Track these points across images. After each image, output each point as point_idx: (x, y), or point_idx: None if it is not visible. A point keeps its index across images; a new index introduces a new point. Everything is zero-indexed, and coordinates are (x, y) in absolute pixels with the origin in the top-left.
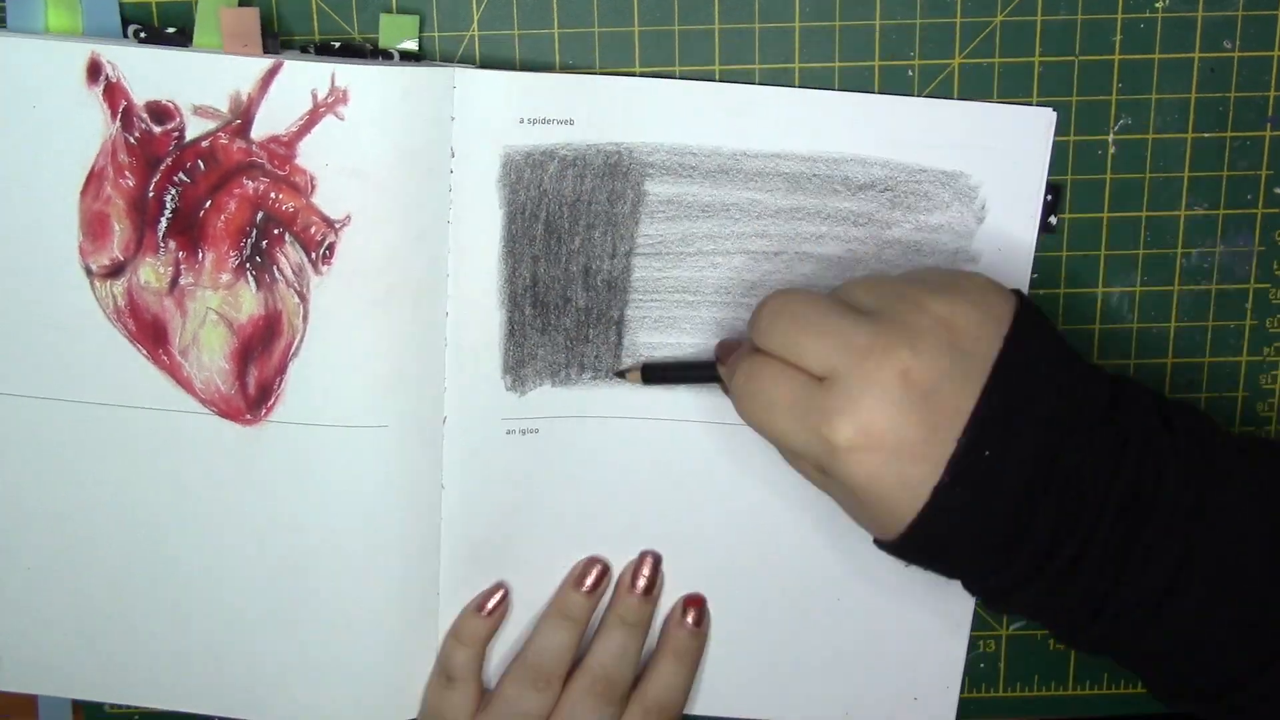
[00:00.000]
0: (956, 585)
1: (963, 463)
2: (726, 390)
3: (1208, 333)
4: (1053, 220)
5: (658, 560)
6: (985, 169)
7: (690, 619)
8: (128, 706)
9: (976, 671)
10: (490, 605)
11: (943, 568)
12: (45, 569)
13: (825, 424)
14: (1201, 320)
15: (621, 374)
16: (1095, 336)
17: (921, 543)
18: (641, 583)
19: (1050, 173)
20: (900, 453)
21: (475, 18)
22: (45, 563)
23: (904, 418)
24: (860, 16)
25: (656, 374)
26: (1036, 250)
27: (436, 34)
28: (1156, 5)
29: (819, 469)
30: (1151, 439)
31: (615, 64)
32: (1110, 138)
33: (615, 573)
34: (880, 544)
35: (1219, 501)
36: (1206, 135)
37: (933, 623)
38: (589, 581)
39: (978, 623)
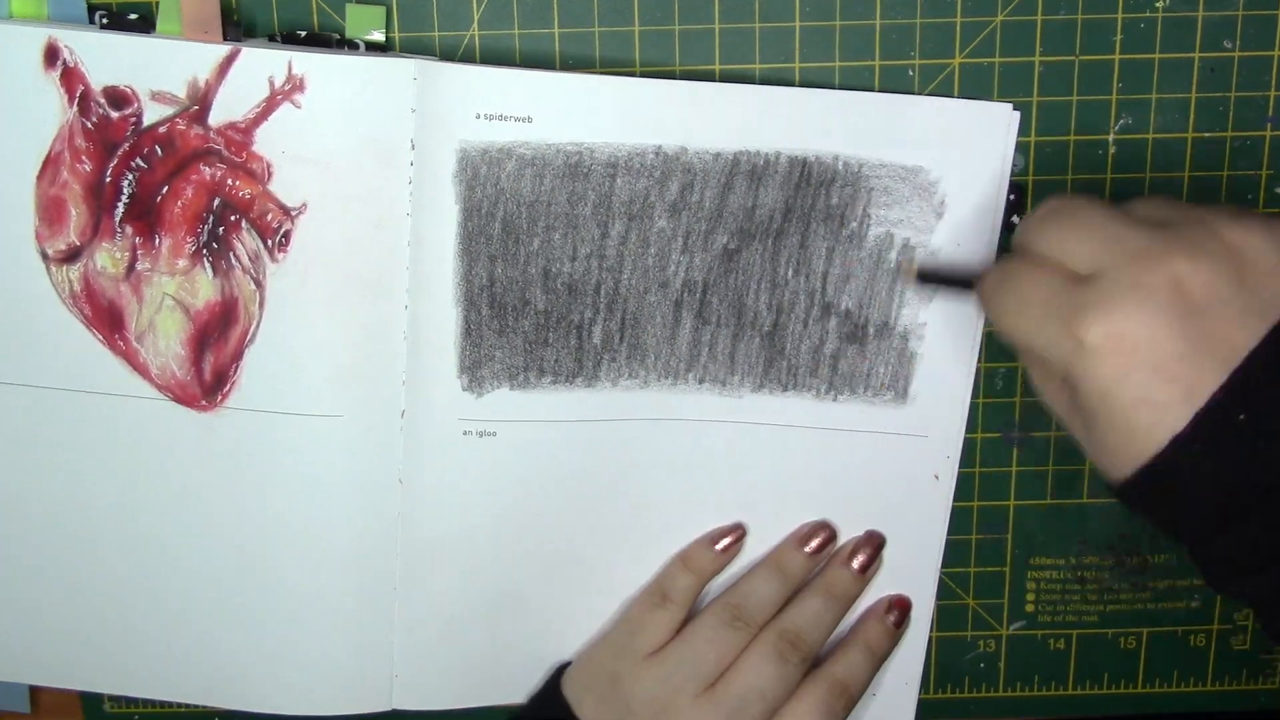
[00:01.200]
0: (917, 582)
1: (1210, 418)
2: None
3: None
4: (1015, 219)
5: (881, 543)
6: (944, 165)
7: (892, 618)
8: (124, 700)
9: (976, 671)
10: (725, 542)
11: (1183, 518)
12: (1, 556)
13: (1077, 319)
14: None
15: (898, 266)
16: None
17: (1148, 490)
18: (860, 560)
19: (1042, 172)
20: (1153, 365)
21: (475, 18)
22: (1, 549)
23: (1165, 329)
24: (860, 16)
25: (929, 273)
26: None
27: (436, 34)
28: (1156, 5)
29: (1064, 377)
30: None
31: (615, 64)
32: (1110, 138)
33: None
34: (1117, 492)
35: None
36: (1206, 135)
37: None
38: (814, 543)
39: (978, 622)
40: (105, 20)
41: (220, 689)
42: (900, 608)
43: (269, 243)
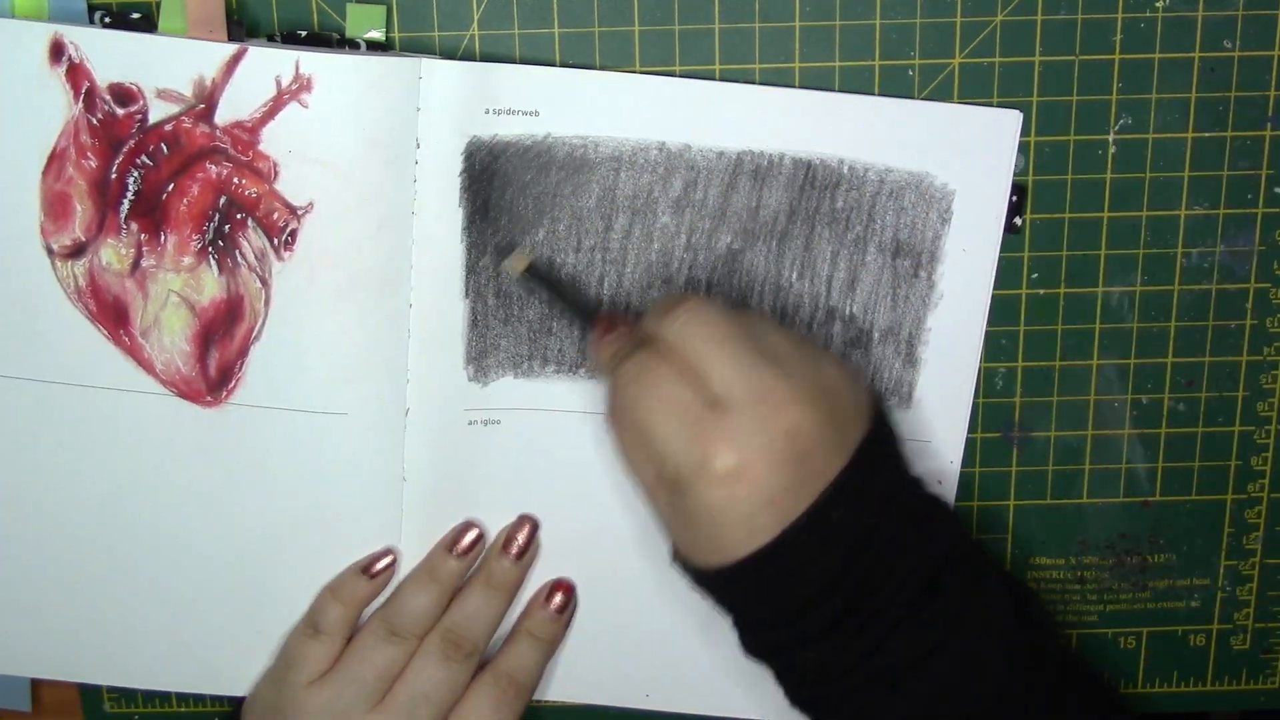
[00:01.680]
0: None
1: (818, 514)
2: (592, 358)
3: (1208, 333)
4: (1017, 221)
5: (535, 526)
6: (951, 170)
7: (554, 604)
8: (122, 699)
9: None
10: (376, 568)
11: (737, 603)
12: (5, 550)
13: (710, 446)
14: (1201, 320)
15: (505, 254)
16: (1095, 336)
17: (750, 575)
18: (515, 547)
19: (1042, 172)
20: (762, 497)
21: (475, 17)
22: (5, 543)
23: (780, 468)
24: (860, 16)
25: (541, 272)
26: (1001, 251)
27: (436, 34)
28: (1156, 5)
29: (673, 482)
30: (955, 549)
31: (615, 64)
32: (1110, 138)
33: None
34: (681, 563)
35: (979, 618)
36: (1206, 135)
37: None
38: (462, 544)
39: None
40: (107, 20)
41: (223, 681)
42: (563, 591)
43: (275, 241)
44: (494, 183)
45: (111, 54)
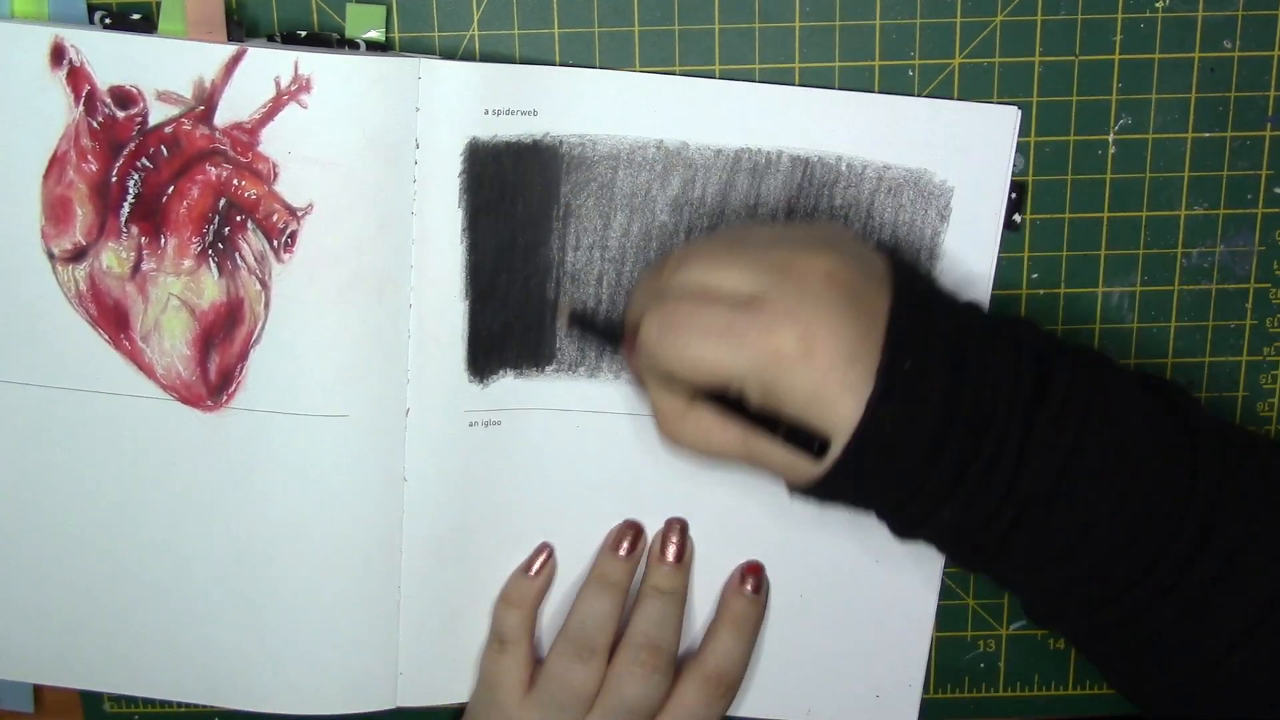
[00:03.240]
0: (919, 582)
1: (890, 371)
2: (631, 374)
3: (1208, 333)
4: (1016, 218)
5: (684, 527)
6: (950, 166)
7: (749, 586)
8: (122, 699)
9: (976, 671)
10: (536, 566)
11: (864, 495)
12: (5, 555)
13: (767, 336)
14: (1201, 320)
15: (553, 303)
16: (1095, 336)
17: (854, 465)
18: (671, 550)
19: (1042, 172)
20: (842, 356)
21: (475, 18)
22: (6, 548)
23: (839, 317)
24: (860, 16)
25: (582, 320)
26: (1000, 250)
27: (436, 34)
28: (1156, 5)
29: (762, 392)
30: (1038, 344)
31: (615, 64)
32: (1110, 138)
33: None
34: (801, 488)
35: (1105, 402)
36: (1206, 135)
37: (895, 620)
38: (625, 545)
39: (978, 622)
40: (107, 21)
41: (224, 689)
42: (754, 573)
43: (274, 243)
44: (493, 183)
45: (111, 56)
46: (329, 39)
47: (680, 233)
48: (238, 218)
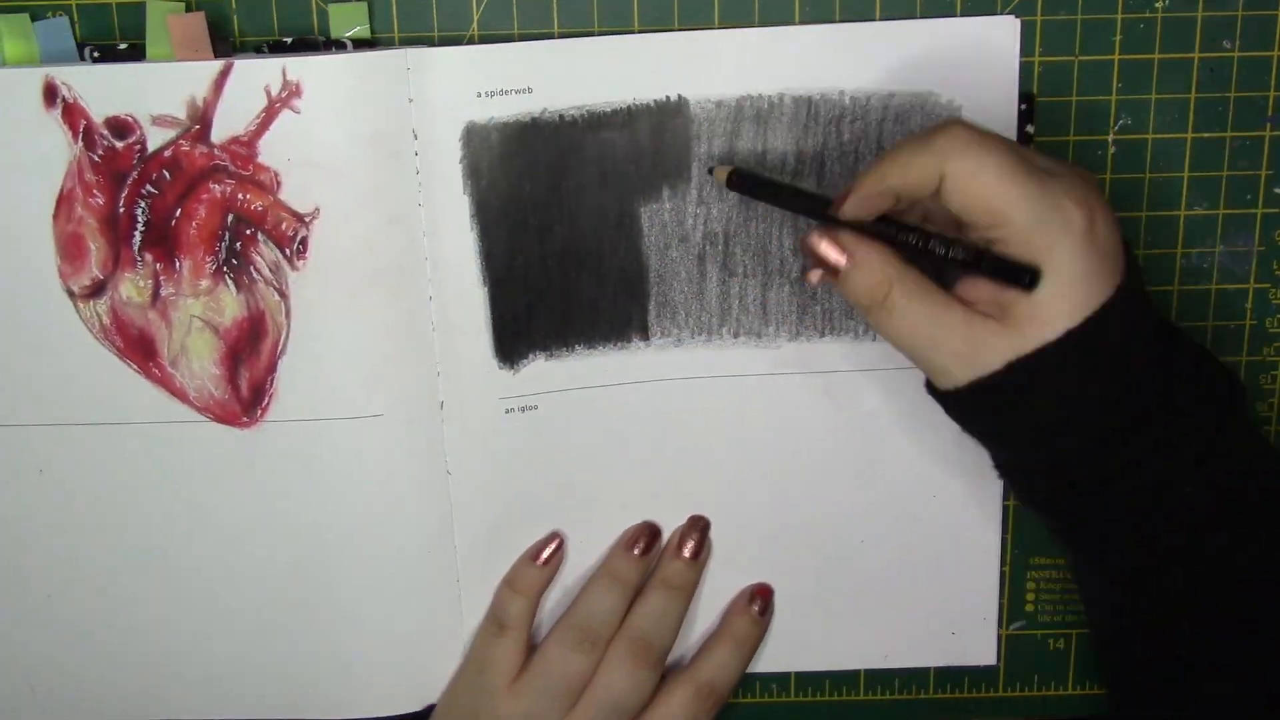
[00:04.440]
0: (979, 514)
1: (1129, 284)
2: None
3: (1208, 333)
4: (1029, 129)
5: (706, 526)
6: (955, 86)
7: (756, 607)
8: None
9: (976, 671)
10: (546, 554)
11: (1043, 408)
12: (65, 596)
13: (1070, 198)
14: (1201, 320)
15: (709, 170)
16: None
17: (1086, 351)
18: (689, 547)
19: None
20: (1114, 242)
21: (475, 18)
22: (64, 590)
23: (1115, 223)
24: (860, 17)
25: (746, 183)
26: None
27: (436, 34)
28: (1156, 5)
29: (1089, 216)
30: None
31: None
32: (1110, 138)
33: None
34: (964, 387)
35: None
36: (1206, 135)
37: (961, 555)
38: (640, 545)
39: None
40: (96, 55)
41: (300, 702)
42: (762, 596)
43: (287, 251)
44: (495, 165)
45: (103, 88)
46: (315, 43)
47: (691, 189)
48: (247, 231)
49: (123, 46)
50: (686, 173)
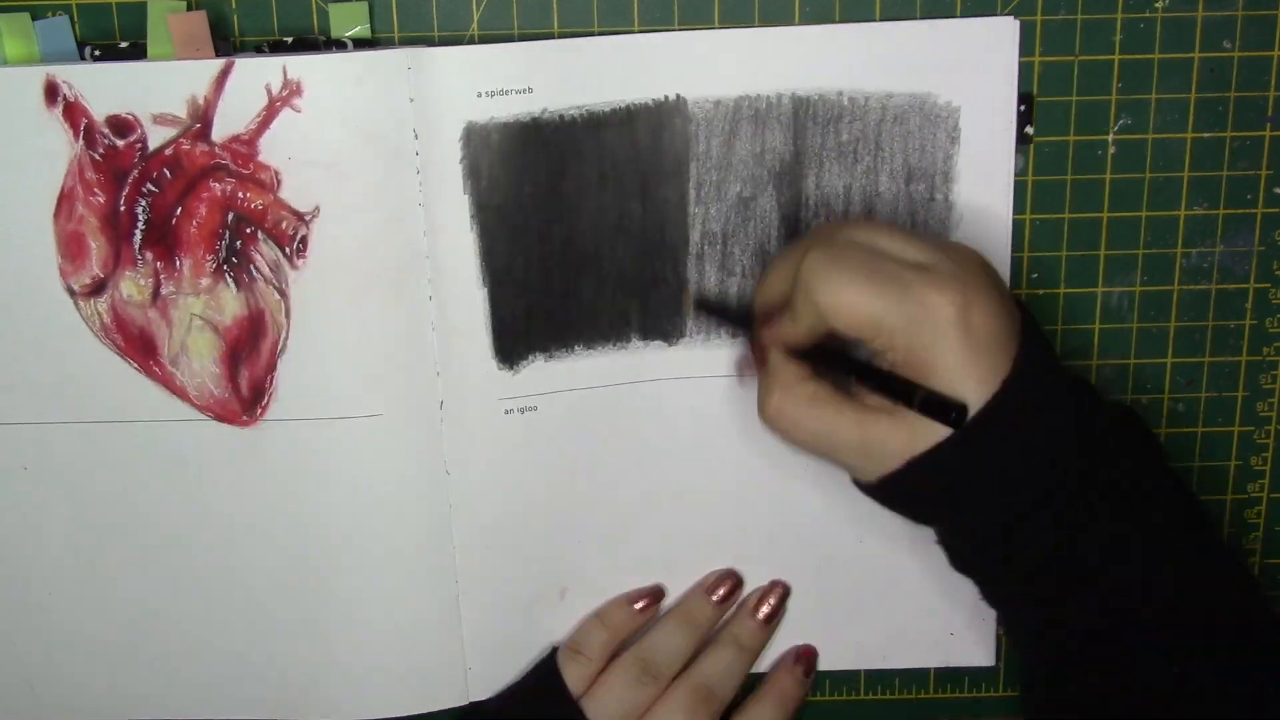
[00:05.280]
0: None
1: (1023, 364)
2: (760, 352)
3: (1208, 333)
4: (1028, 130)
5: (786, 592)
6: (954, 86)
7: (801, 669)
8: None
9: (976, 671)
10: (642, 604)
11: (945, 496)
12: (65, 594)
13: (933, 295)
14: (1201, 320)
15: (679, 292)
16: (1095, 336)
17: (973, 446)
18: (765, 610)
19: (1042, 171)
20: (994, 334)
21: (475, 18)
22: (65, 588)
23: (994, 301)
24: (859, 17)
25: (708, 305)
26: (1016, 171)
27: (436, 34)
28: (1156, 5)
29: (905, 354)
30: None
31: None
32: (1110, 138)
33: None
34: (878, 484)
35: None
36: (1206, 135)
37: None
38: (721, 593)
39: None
40: (97, 54)
41: (297, 704)
42: (807, 657)
43: (287, 250)
44: (495, 166)
45: (104, 87)
46: (315, 42)
47: (690, 188)
48: (247, 230)
49: (123, 45)
50: (685, 172)
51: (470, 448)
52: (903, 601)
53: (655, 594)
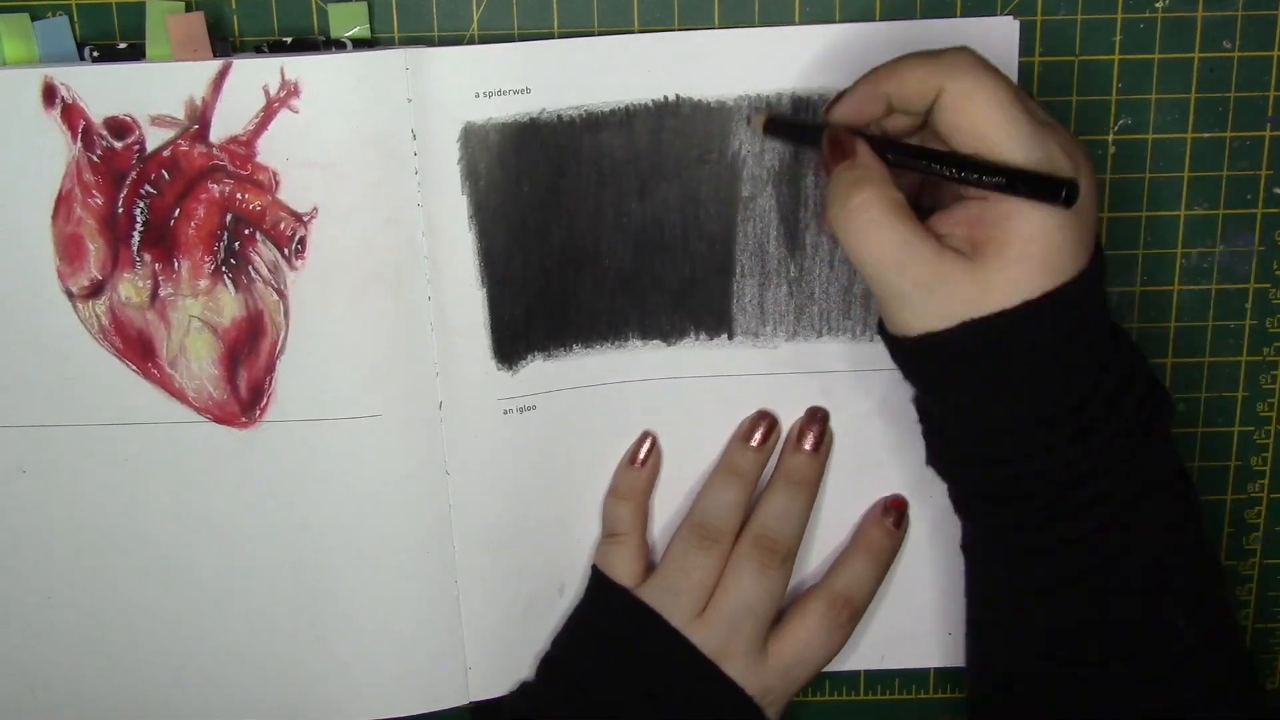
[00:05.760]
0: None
1: (1094, 268)
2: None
3: (1208, 333)
4: None
5: (825, 416)
6: None
7: (890, 520)
8: None
9: None
10: (641, 455)
11: (990, 370)
12: (64, 596)
13: (1064, 155)
14: (1201, 320)
15: (747, 119)
16: None
17: (1026, 325)
18: (810, 439)
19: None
20: (1092, 215)
21: (475, 18)
22: (63, 590)
23: (1097, 192)
24: (860, 17)
25: (781, 125)
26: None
27: (436, 34)
28: (1156, 5)
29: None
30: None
31: None
32: (1110, 138)
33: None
34: (916, 338)
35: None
36: (1206, 135)
37: (956, 556)
38: (758, 435)
39: None
40: (96, 54)
41: (298, 705)
42: (897, 508)
43: (285, 251)
44: (494, 166)
45: (102, 88)
46: (314, 42)
47: (693, 192)
48: (246, 231)
49: (122, 46)
50: (685, 173)
51: (469, 448)
52: (903, 601)
53: (645, 441)
